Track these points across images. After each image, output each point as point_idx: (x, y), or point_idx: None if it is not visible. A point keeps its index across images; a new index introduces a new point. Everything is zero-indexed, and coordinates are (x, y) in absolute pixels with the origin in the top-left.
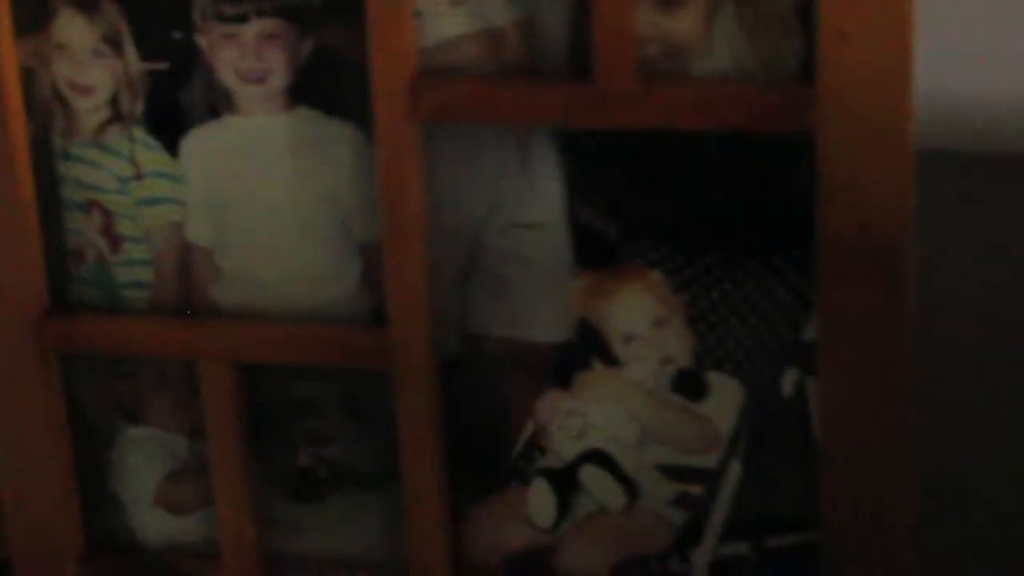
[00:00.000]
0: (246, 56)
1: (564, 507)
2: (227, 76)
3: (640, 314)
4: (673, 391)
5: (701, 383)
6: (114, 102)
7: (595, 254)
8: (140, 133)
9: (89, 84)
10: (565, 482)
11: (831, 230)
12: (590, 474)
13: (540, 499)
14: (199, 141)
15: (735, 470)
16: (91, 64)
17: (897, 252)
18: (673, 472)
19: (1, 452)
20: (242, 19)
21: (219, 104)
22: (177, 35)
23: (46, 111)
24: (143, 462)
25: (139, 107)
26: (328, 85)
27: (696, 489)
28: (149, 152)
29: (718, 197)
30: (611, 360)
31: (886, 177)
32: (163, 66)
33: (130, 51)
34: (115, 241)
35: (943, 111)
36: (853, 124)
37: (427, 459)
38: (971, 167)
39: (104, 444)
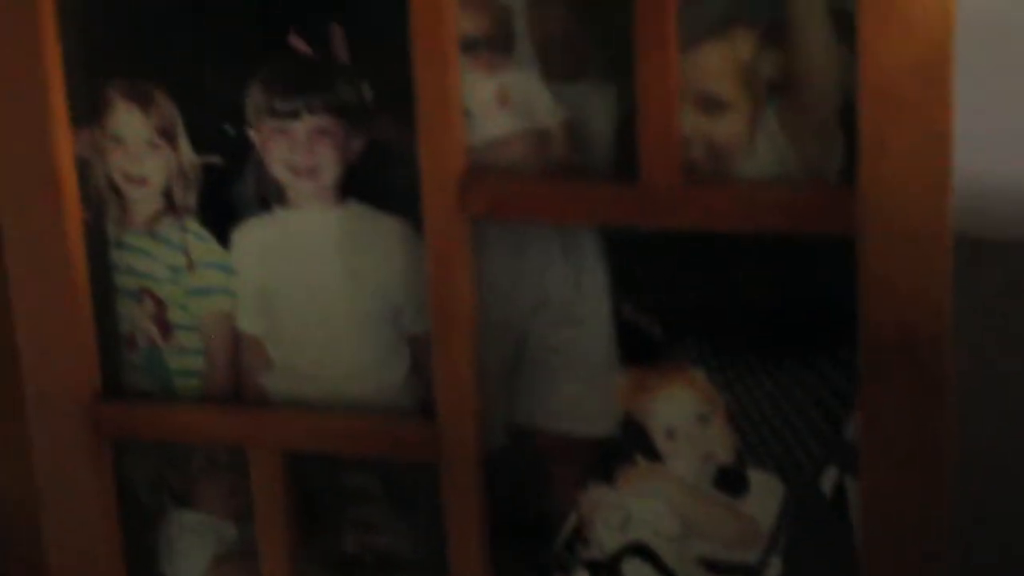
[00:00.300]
0: (298, 151)
1: None
2: (279, 170)
3: (683, 411)
4: (714, 487)
5: (742, 479)
6: (167, 193)
7: (639, 351)
8: (192, 224)
9: (143, 175)
10: (607, 574)
11: (871, 329)
12: (633, 566)
13: None
14: (250, 233)
15: (775, 566)
16: (146, 156)
17: (936, 351)
18: (714, 566)
19: (54, 533)
20: (294, 115)
21: (271, 197)
22: (230, 130)
23: (101, 201)
24: (192, 545)
25: (192, 199)
26: (378, 180)
27: None
28: (201, 243)
29: (760, 296)
30: (654, 455)
31: (924, 278)
32: (216, 159)
33: (184, 144)
34: (167, 329)
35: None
36: (892, 228)
37: (473, 549)
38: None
39: (154, 527)
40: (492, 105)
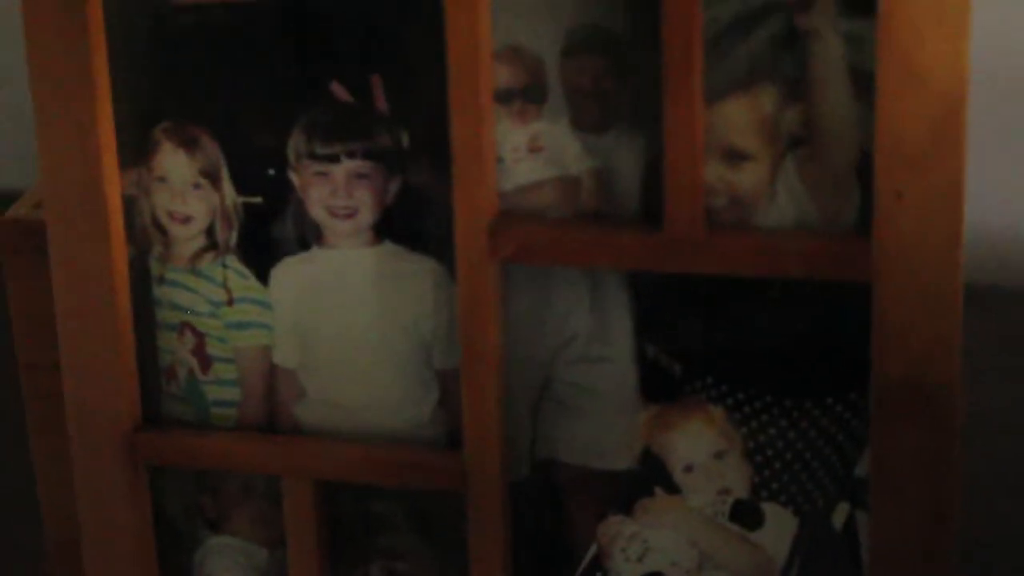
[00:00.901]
0: (336, 193)
1: None
2: (317, 211)
3: (701, 446)
4: (730, 520)
5: (757, 513)
6: (210, 231)
7: (660, 388)
8: (233, 261)
9: (187, 214)
10: None
11: (883, 372)
12: None
13: None
14: (288, 270)
15: None
16: (190, 196)
17: (946, 395)
18: None
19: (91, 557)
20: (334, 159)
21: (309, 237)
22: (272, 172)
23: (145, 238)
24: (224, 570)
25: (233, 237)
26: (413, 222)
27: None
28: (241, 279)
29: (777, 339)
30: (672, 488)
31: (936, 324)
32: (257, 200)
33: (227, 185)
34: (206, 361)
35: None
36: (906, 275)
37: None
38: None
39: (187, 551)
40: (524, 153)
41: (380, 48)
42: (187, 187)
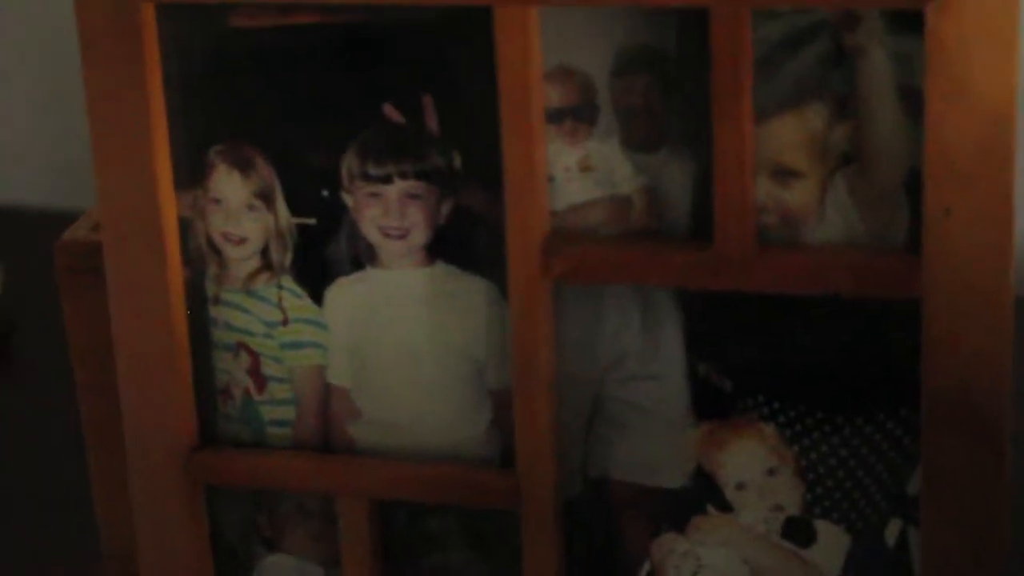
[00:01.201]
0: (389, 214)
1: None
2: (371, 232)
3: (753, 464)
4: (782, 537)
5: (809, 530)
6: (264, 253)
7: (711, 406)
8: (288, 282)
9: (242, 236)
10: None
11: (933, 388)
12: None
13: None
14: (343, 291)
15: None
16: (244, 217)
17: (996, 411)
18: None
19: (149, 573)
20: (386, 180)
21: (362, 257)
22: (325, 193)
23: (201, 259)
24: None
25: (288, 258)
26: (465, 242)
27: None
28: (295, 300)
29: (828, 356)
30: (724, 506)
31: (986, 340)
32: (311, 221)
33: (281, 206)
34: (261, 381)
35: None
36: (956, 291)
37: None
38: None
39: (244, 570)
40: (575, 172)
41: (432, 70)
42: (242, 208)
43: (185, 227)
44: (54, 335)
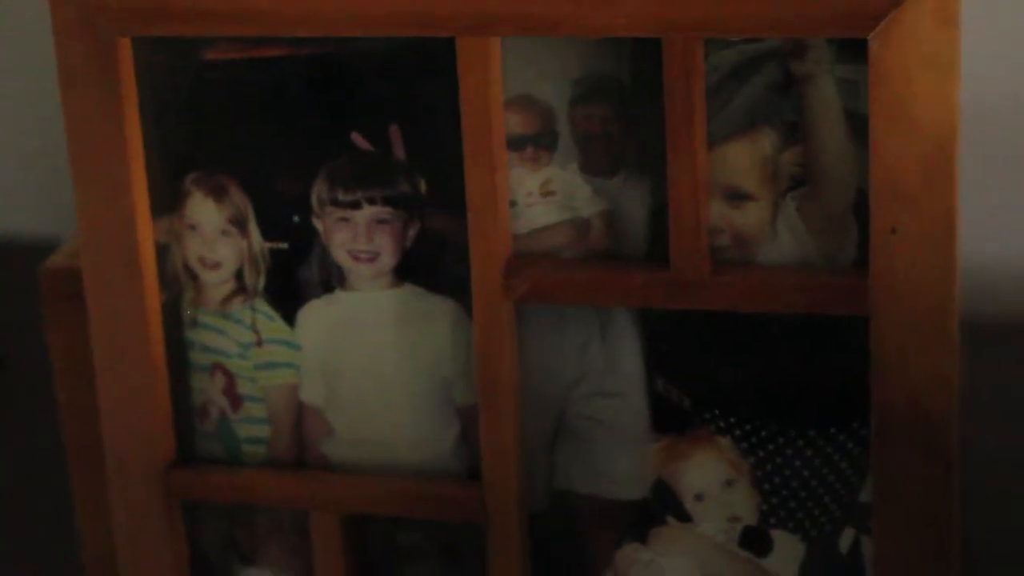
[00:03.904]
0: (358, 238)
1: None
2: (341, 256)
3: (710, 476)
4: (740, 546)
5: (766, 540)
6: (239, 276)
7: (670, 421)
8: (261, 304)
9: (217, 260)
10: None
11: (882, 402)
12: None
13: None
14: (314, 313)
15: None
16: (219, 242)
17: (943, 422)
18: None
19: None
20: (355, 206)
21: (333, 280)
22: (297, 218)
23: (178, 283)
24: None
25: (261, 281)
26: (432, 265)
27: None
28: (269, 322)
29: (782, 372)
30: (684, 517)
31: (933, 355)
32: (283, 245)
33: (254, 232)
34: (236, 400)
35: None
36: (903, 308)
37: None
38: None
39: None
40: (536, 197)
41: (398, 99)
42: (216, 234)
43: (162, 252)
44: (42, 364)
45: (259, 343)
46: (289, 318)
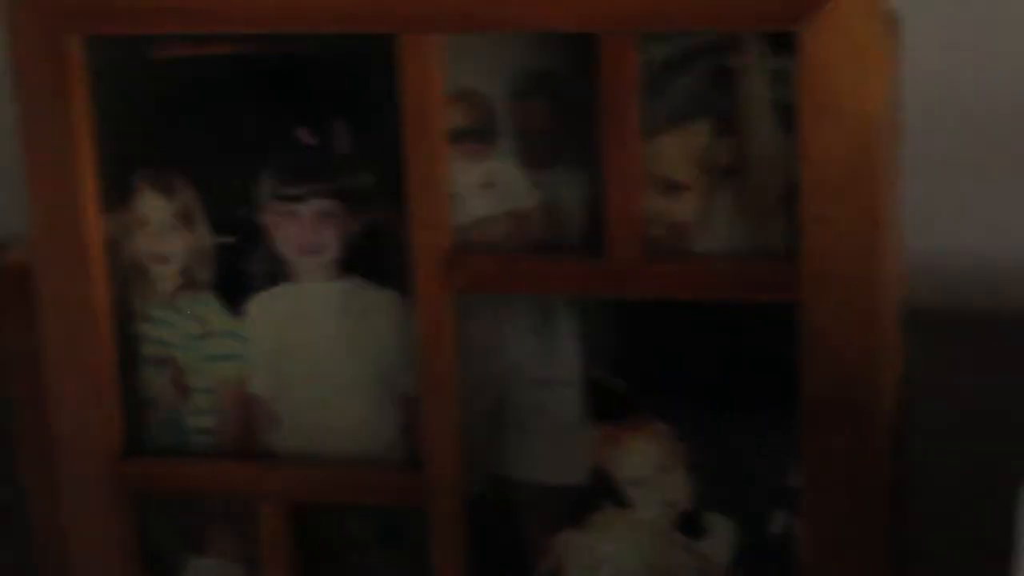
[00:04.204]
0: (303, 232)
1: None
2: (286, 249)
3: (647, 461)
4: (676, 530)
5: (700, 523)
6: (187, 270)
7: (607, 408)
8: (209, 297)
9: (165, 254)
10: None
11: (810, 387)
12: None
13: None
14: (260, 305)
15: None
16: (167, 237)
17: (869, 406)
18: None
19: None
20: (300, 200)
21: (278, 273)
22: (243, 213)
23: (128, 277)
24: None
25: (209, 275)
26: (375, 257)
27: None
28: (216, 314)
29: (715, 358)
30: (621, 502)
31: (859, 340)
32: (230, 239)
33: (202, 226)
34: (185, 392)
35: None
36: (830, 295)
37: None
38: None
39: (172, 573)
40: (476, 189)
41: (342, 94)
42: (165, 229)
43: (113, 247)
44: None
45: (207, 335)
46: (236, 310)
